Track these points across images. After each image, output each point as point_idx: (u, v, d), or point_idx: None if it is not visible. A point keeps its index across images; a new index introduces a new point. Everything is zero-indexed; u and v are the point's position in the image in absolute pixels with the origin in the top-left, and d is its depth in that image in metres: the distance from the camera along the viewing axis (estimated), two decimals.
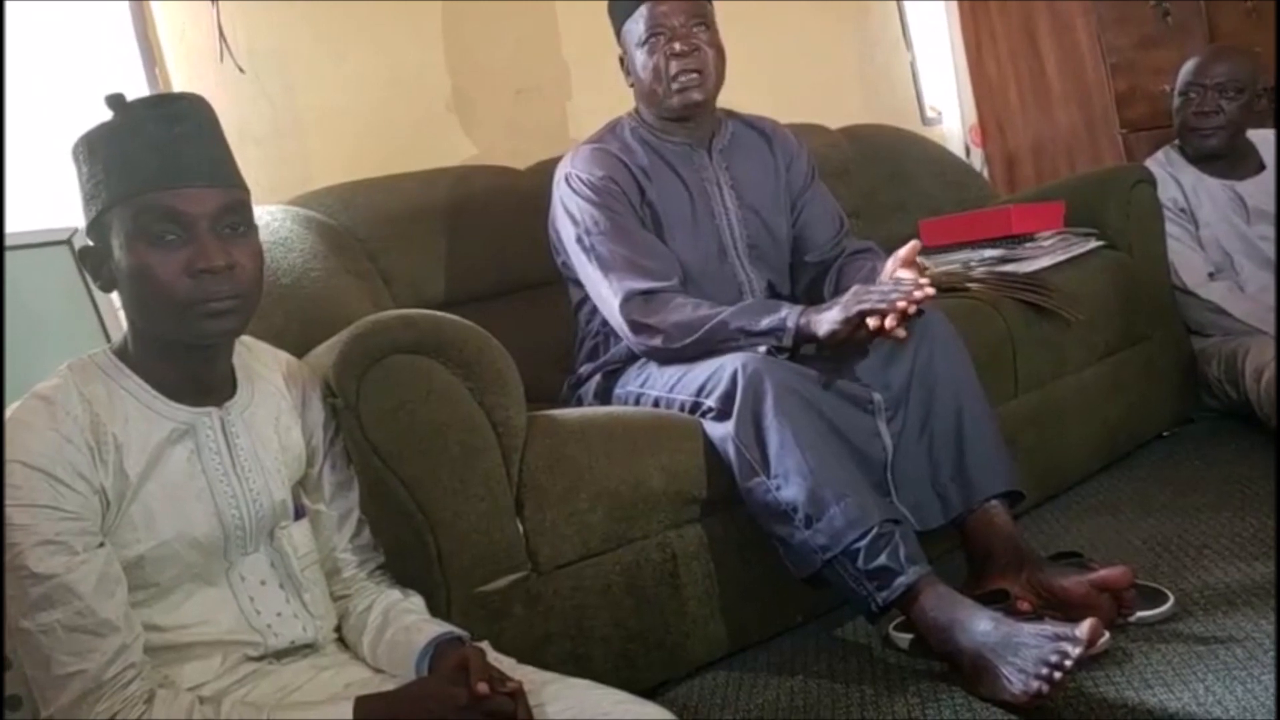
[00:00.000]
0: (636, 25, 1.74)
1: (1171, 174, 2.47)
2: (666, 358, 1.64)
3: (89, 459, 0.99)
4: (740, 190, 1.82)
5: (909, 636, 1.48)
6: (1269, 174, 2.45)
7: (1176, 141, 2.52)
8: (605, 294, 1.68)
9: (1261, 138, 2.50)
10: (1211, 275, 2.41)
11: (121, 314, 1.51)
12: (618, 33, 1.80)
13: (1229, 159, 2.45)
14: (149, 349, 1.05)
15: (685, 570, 1.51)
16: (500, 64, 2.38)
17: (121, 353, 1.06)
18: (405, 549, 1.29)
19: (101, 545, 0.99)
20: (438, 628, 1.12)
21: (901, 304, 1.43)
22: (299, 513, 1.17)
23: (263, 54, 2.02)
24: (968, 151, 3.24)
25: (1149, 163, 2.52)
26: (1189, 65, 2.45)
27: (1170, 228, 2.40)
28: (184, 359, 1.06)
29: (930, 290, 1.45)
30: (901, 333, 1.45)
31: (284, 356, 1.22)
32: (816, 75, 2.97)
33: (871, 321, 1.46)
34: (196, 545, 1.05)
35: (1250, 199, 2.42)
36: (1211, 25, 3.17)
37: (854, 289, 1.53)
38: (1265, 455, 2.11)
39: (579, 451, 1.43)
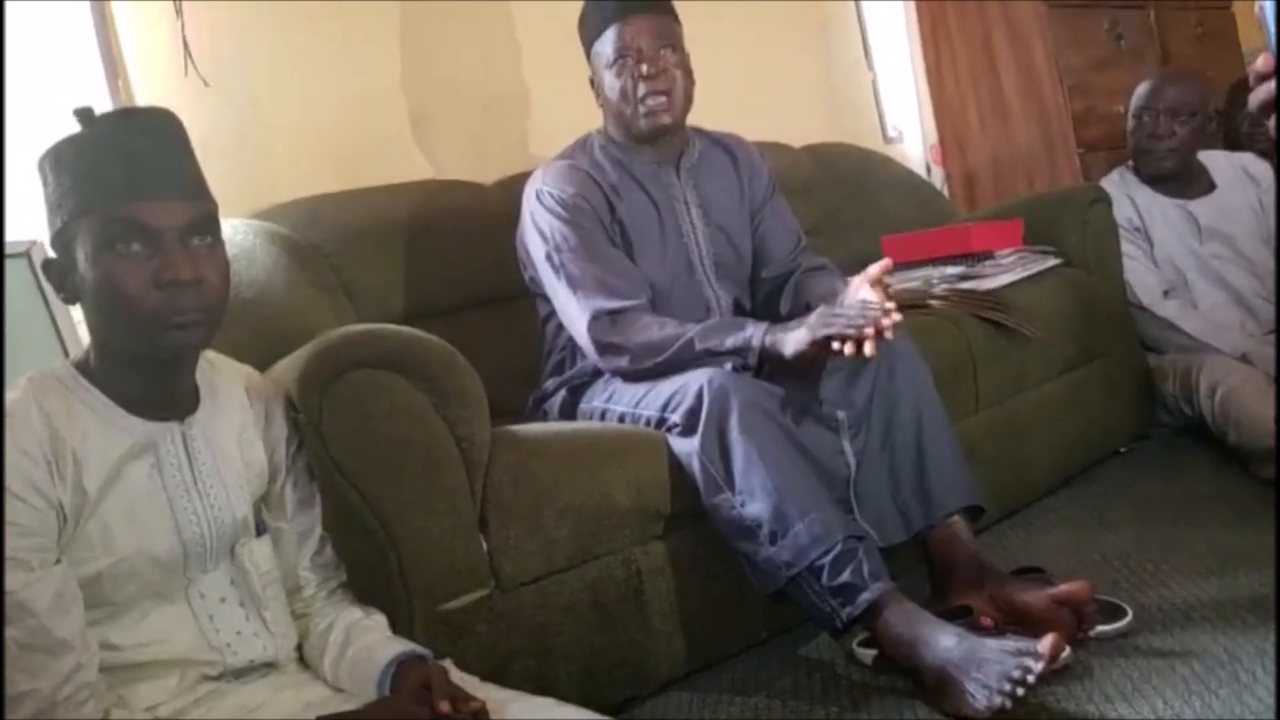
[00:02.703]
0: (605, 47, 1.74)
1: (1126, 194, 2.52)
2: (632, 378, 1.64)
3: (46, 474, 0.97)
4: (707, 208, 1.83)
5: (873, 653, 1.48)
6: (1220, 194, 2.51)
7: (1130, 162, 2.58)
8: (572, 313, 1.68)
9: (1211, 159, 2.57)
10: (1166, 293, 2.45)
11: (80, 327, 1.49)
12: (587, 53, 1.80)
13: (1181, 180, 2.50)
14: (111, 362, 1.04)
15: (650, 587, 1.51)
16: (465, 80, 2.37)
17: (83, 366, 1.05)
18: (367, 566, 1.28)
19: (58, 562, 0.97)
20: (400, 646, 1.11)
21: (869, 331, 1.44)
22: (260, 529, 1.16)
23: (228, 67, 2.00)
24: (928, 170, 3.28)
25: (1104, 182, 2.57)
26: (1141, 89, 2.51)
27: (1125, 246, 2.44)
28: (147, 372, 1.05)
29: (897, 316, 1.46)
30: (869, 349, 1.45)
31: (246, 370, 1.21)
32: (780, 95, 3.00)
33: (839, 347, 1.46)
34: (155, 562, 1.04)
35: (1202, 219, 2.48)
36: (1163, 48, 3.26)
37: (820, 310, 1.53)
38: (1218, 471, 2.15)
39: (544, 467, 1.43)
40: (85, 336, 1.08)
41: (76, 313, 1.39)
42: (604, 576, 1.47)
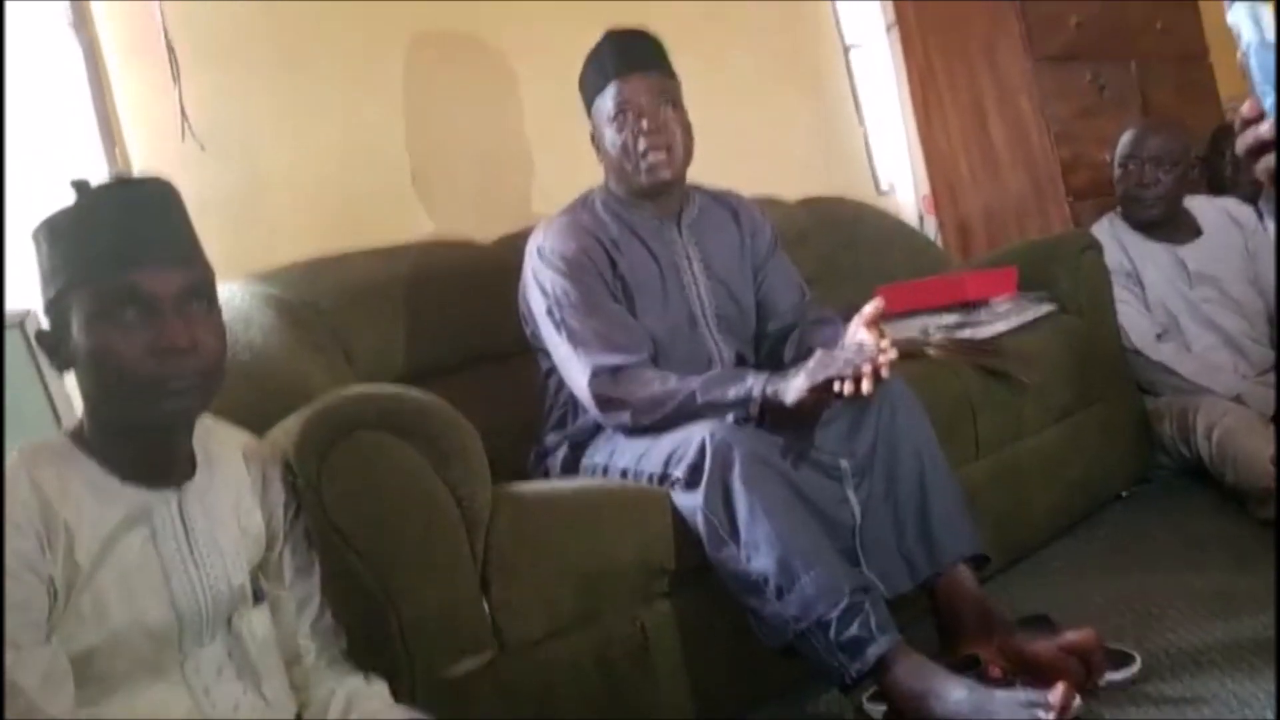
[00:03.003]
0: (605, 102, 1.77)
1: (1116, 240, 2.54)
2: (635, 433, 1.63)
3: (37, 548, 0.96)
4: (709, 262, 1.84)
5: (883, 708, 1.46)
6: (1206, 239, 2.54)
7: (1119, 209, 2.61)
8: (574, 369, 1.68)
9: (1195, 204, 2.60)
10: (1159, 336, 2.47)
11: (75, 396, 1.48)
12: (588, 109, 1.83)
13: (1169, 226, 2.53)
14: (106, 431, 1.03)
15: (656, 645, 1.48)
16: (466, 137, 2.39)
17: (76, 436, 1.04)
18: (368, 632, 1.26)
19: (49, 639, 0.95)
20: (402, 714, 1.09)
21: (866, 369, 1.45)
22: (257, 597, 1.14)
23: (225, 130, 2.02)
24: (921, 220, 3.31)
25: (1094, 229, 2.59)
26: (1125, 138, 2.55)
27: (1118, 291, 2.46)
28: (143, 440, 1.04)
29: (893, 353, 1.47)
30: (867, 386, 1.45)
31: (244, 436, 1.20)
32: (774, 150, 3.03)
33: (842, 388, 1.46)
34: (150, 636, 1.02)
35: (1191, 263, 2.50)
36: (1144, 98, 3.31)
37: (817, 354, 1.54)
38: (1220, 513, 2.15)
39: (546, 526, 1.42)
40: (79, 406, 1.08)
41: (70, 381, 1.39)
42: (609, 636, 1.44)
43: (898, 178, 3.35)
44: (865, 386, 1.45)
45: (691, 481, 1.49)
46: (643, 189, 1.78)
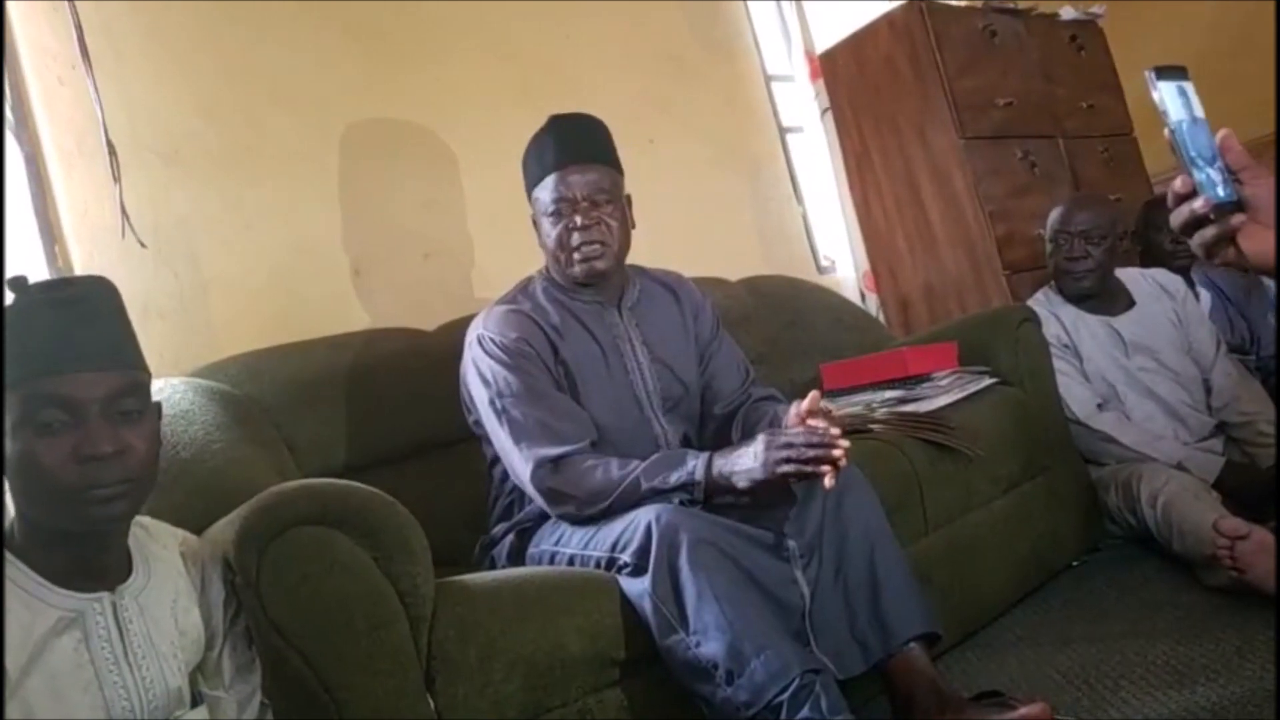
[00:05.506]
0: (544, 194, 1.77)
1: (1052, 312, 2.60)
2: (582, 522, 1.63)
3: None
4: (651, 345, 1.85)
5: None
6: (1139, 309, 2.61)
7: (1053, 282, 2.68)
8: (516, 461, 1.67)
9: (1127, 276, 2.68)
10: (1100, 406, 2.51)
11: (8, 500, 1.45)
12: (528, 193, 1.83)
13: (1102, 298, 2.60)
14: (36, 535, 1.02)
15: None
16: (406, 228, 2.41)
17: (7, 540, 1.02)
18: None
19: None
20: None
21: (825, 468, 1.48)
22: (195, 700, 1.11)
23: (167, 227, 2.03)
24: (863, 297, 3.38)
25: (1030, 302, 2.65)
26: (1054, 215, 2.63)
27: (1057, 363, 2.50)
28: (75, 545, 1.02)
29: (845, 443, 1.50)
30: (830, 482, 1.48)
31: (182, 534, 1.19)
32: (717, 232, 3.10)
33: (826, 483, 1.49)
34: None
35: (1126, 334, 2.56)
36: (1074, 173, 3.44)
37: (764, 437, 1.55)
38: (1169, 580, 2.17)
39: (491, 618, 1.39)
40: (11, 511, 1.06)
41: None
42: None
43: (838, 256, 3.42)
44: (828, 483, 1.48)
45: (639, 567, 1.49)
46: (577, 279, 1.80)
